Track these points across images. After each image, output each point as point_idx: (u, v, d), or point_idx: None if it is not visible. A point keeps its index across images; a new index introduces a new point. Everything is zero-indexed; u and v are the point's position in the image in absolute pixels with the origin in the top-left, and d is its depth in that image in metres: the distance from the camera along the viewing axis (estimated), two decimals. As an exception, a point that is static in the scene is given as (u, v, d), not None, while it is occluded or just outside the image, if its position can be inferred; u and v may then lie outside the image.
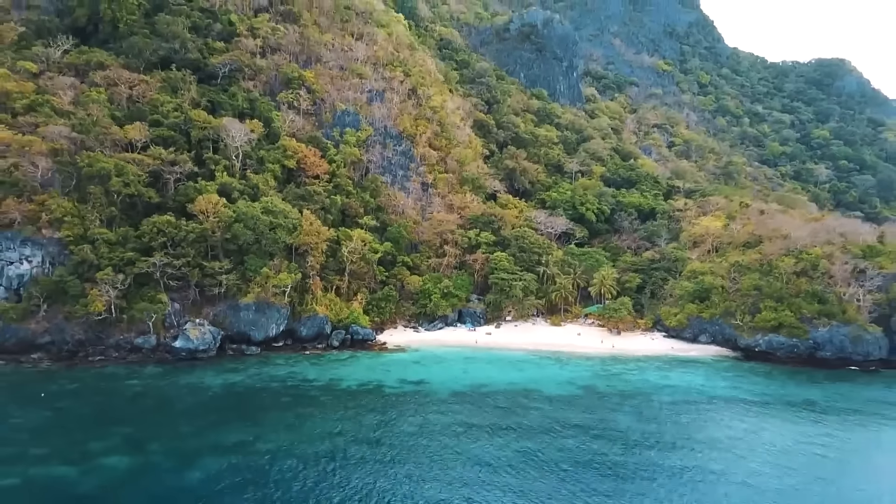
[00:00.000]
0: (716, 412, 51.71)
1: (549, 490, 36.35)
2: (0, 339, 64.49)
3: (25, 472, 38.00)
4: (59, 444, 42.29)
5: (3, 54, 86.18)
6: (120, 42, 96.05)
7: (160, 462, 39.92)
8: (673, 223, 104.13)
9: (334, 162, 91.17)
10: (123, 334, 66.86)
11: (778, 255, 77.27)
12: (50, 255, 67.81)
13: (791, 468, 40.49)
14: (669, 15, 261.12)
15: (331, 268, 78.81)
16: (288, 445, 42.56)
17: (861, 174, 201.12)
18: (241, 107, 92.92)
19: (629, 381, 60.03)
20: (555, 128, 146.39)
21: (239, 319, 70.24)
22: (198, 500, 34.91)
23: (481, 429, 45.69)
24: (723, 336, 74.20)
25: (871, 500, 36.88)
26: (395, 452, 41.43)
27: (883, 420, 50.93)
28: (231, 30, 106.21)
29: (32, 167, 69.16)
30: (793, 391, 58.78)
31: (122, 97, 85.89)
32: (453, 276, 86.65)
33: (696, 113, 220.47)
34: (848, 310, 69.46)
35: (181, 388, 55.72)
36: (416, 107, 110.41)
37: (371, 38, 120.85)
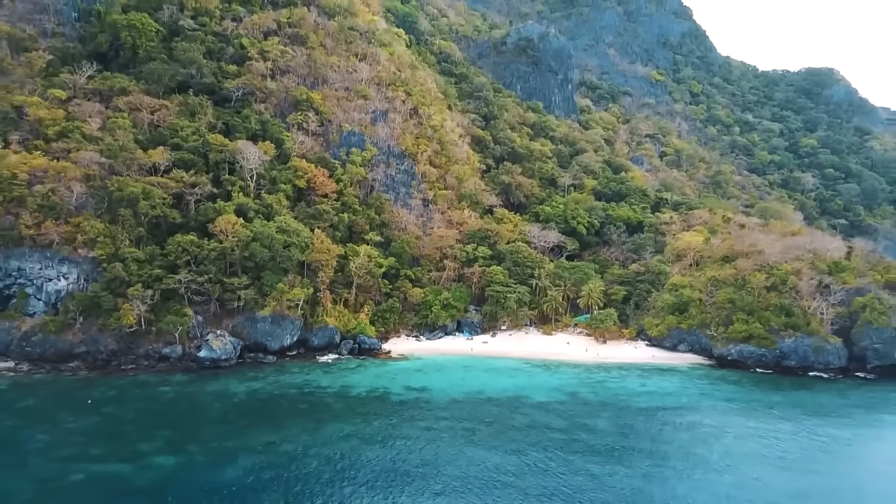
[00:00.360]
0: (683, 417, 58.35)
1: (532, 485, 42.97)
2: (41, 349, 71.21)
3: (88, 468, 44.62)
4: (111, 445, 48.95)
5: (33, 82, 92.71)
6: (140, 67, 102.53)
7: (201, 460, 46.56)
8: (659, 236, 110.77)
9: (341, 181, 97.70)
10: (152, 345, 73.49)
11: (751, 270, 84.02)
12: (85, 272, 74.40)
13: (744, 467, 47.17)
14: (663, 25, 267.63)
15: (339, 282, 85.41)
16: (308, 447, 49.19)
17: (846, 182, 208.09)
18: (254, 129, 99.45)
19: (610, 389, 66.78)
20: (549, 141, 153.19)
21: (256, 330, 76.88)
22: (237, 493, 41.48)
23: (476, 433, 52.32)
24: (699, 345, 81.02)
25: (799, 486, 43.54)
26: (401, 454, 48.04)
27: (832, 423, 57.60)
28: (243, 53, 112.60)
29: (68, 192, 75.69)
30: (758, 397, 65.51)
31: (144, 122, 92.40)
32: (452, 288, 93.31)
33: (687, 122, 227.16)
34: (812, 322, 76.27)
35: (209, 395, 62.33)
36: (418, 126, 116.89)
37: (374, 59, 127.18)
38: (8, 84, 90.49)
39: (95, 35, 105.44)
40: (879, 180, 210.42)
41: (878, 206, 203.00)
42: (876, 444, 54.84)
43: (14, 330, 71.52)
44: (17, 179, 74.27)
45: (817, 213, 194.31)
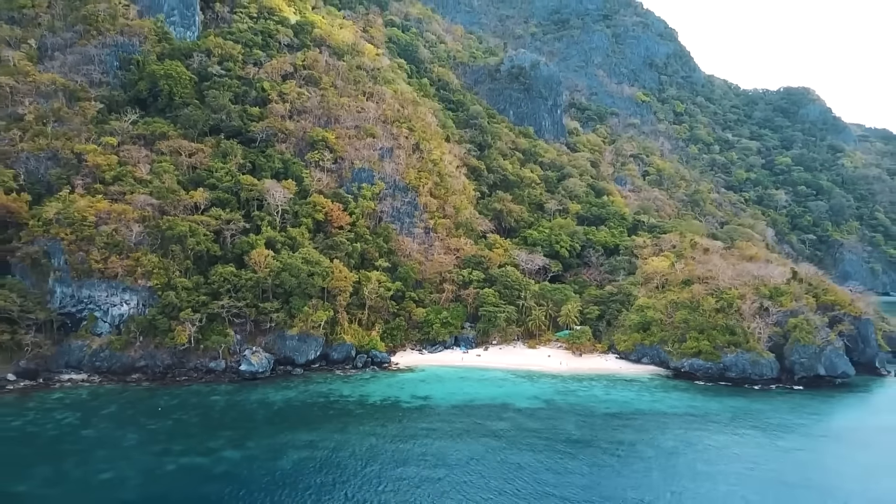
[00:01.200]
0: (635, 421, 73.03)
1: (505, 475, 57.57)
2: (108, 363, 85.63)
3: (176, 461, 59.04)
4: (187, 442, 63.33)
5: (88, 129, 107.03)
6: (176, 112, 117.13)
7: (259, 454, 60.95)
8: (633, 258, 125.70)
9: (354, 214, 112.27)
10: (200, 359, 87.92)
11: (704, 294, 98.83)
12: (143, 299, 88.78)
13: (671, 459, 61.83)
14: (649, 47, 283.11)
15: (354, 304, 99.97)
16: (340, 443, 63.60)
17: (817, 199, 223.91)
18: (277, 168, 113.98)
19: (580, 396, 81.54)
20: (538, 167, 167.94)
21: (285, 347, 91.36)
22: (290, 479, 55.78)
23: (469, 435, 66.82)
24: (659, 359, 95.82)
25: (709, 476, 58.08)
26: (409, 448, 62.43)
27: (754, 425, 72.28)
28: (264, 95, 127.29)
29: (128, 231, 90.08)
30: (700, 404, 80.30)
31: (183, 164, 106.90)
32: (450, 308, 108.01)
33: (670, 141, 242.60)
34: (750, 340, 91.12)
35: (253, 403, 76.78)
36: (420, 160, 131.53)
37: (380, 97, 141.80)
38: (67, 132, 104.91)
39: (135, 82, 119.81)
40: (847, 197, 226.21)
41: (846, 223, 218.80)
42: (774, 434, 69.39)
43: (85, 347, 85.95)
44: (87, 221, 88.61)
45: (788, 229, 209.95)
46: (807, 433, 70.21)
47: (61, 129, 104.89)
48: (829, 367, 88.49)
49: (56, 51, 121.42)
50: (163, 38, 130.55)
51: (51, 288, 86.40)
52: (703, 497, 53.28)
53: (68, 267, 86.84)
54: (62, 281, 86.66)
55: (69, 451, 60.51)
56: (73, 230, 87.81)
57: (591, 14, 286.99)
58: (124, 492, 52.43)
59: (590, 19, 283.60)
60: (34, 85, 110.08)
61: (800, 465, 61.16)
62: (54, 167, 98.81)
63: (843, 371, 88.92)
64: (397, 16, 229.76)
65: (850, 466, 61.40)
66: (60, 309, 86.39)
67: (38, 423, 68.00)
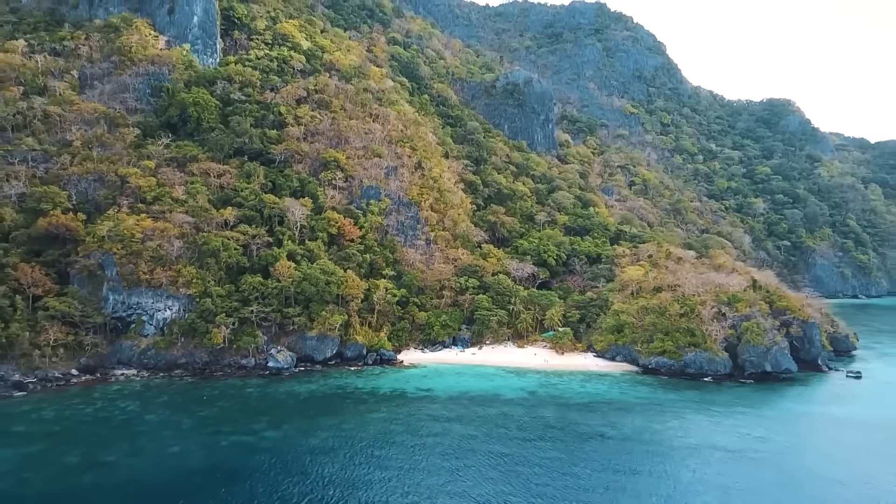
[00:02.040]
0: (604, 409, 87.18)
1: (492, 450, 71.69)
2: (154, 361, 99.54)
3: (227, 439, 72.95)
4: (234, 425, 77.27)
5: (128, 153, 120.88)
6: (203, 135, 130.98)
7: (294, 434, 74.89)
8: (613, 266, 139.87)
9: (363, 227, 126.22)
10: (233, 357, 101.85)
11: (670, 301, 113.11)
12: (184, 305, 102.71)
13: (630, 439, 75.95)
14: (638, 60, 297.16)
15: (365, 309, 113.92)
16: (358, 426, 77.58)
17: (793, 207, 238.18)
18: (295, 186, 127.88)
19: (557, 388, 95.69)
20: (530, 179, 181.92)
21: (306, 346, 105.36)
22: (322, 453, 69.58)
23: (465, 419, 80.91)
24: (630, 357, 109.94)
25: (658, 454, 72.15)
26: (415, 430, 76.45)
27: (701, 411, 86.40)
28: (281, 119, 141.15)
29: (170, 246, 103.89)
30: (660, 395, 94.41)
31: (212, 184, 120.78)
32: (449, 311, 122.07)
33: (656, 151, 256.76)
34: (708, 341, 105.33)
35: (282, 394, 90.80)
36: (421, 177, 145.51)
37: (385, 118, 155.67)
38: (110, 156, 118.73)
39: (166, 108, 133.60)
40: (822, 206, 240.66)
41: (819, 229, 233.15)
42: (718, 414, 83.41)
43: (135, 347, 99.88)
44: (135, 238, 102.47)
45: (764, 236, 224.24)
46: (743, 417, 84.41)
47: (105, 154, 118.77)
48: (775, 364, 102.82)
49: (95, 80, 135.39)
50: (189, 67, 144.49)
51: (105, 295, 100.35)
52: (648, 465, 67.34)
53: (119, 277, 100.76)
54: (114, 289, 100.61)
55: (139, 431, 74.55)
56: (124, 245, 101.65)
57: (583, 28, 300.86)
58: (191, 461, 66.38)
59: (582, 33, 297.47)
60: (79, 113, 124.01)
61: (732, 438, 75.21)
62: (101, 188, 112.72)
63: (787, 368, 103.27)
64: (399, 32, 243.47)
65: (772, 442, 75.39)
66: (113, 314, 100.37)
67: (107, 409, 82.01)
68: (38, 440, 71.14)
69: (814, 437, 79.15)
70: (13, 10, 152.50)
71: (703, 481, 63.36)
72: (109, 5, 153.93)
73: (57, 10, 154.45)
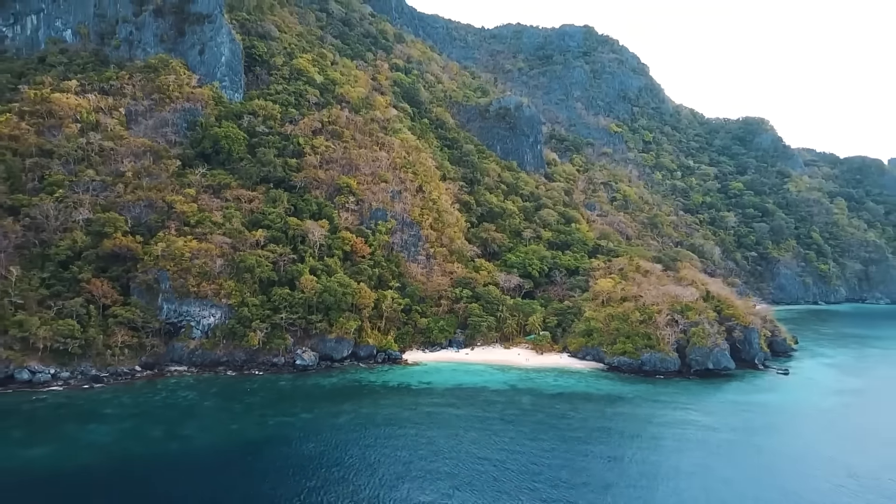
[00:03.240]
0: (571, 398, 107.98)
1: (477, 426, 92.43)
2: (201, 359, 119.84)
3: (272, 419, 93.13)
4: (276, 409, 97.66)
5: (172, 182, 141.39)
6: (234, 164, 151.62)
7: (324, 416, 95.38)
8: (589, 278, 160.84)
9: (372, 245, 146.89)
10: (266, 356, 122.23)
11: (632, 309, 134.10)
12: (225, 312, 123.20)
13: (587, 420, 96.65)
14: (623, 81, 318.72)
15: (374, 315, 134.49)
16: (374, 411, 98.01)
17: (761, 220, 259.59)
18: (313, 210, 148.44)
19: (535, 382, 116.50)
20: (519, 198, 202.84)
21: (326, 347, 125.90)
22: (347, 430, 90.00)
23: (457, 405, 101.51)
24: (598, 357, 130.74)
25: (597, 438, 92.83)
26: (419, 414, 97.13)
27: (650, 400, 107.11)
28: (300, 149, 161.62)
29: (213, 263, 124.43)
30: (618, 388, 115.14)
31: (244, 209, 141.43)
32: (446, 318, 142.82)
33: (638, 168, 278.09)
34: (661, 343, 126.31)
35: (310, 386, 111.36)
36: (422, 200, 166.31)
37: (390, 146, 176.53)
38: (157, 184, 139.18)
39: (200, 141, 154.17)
40: (788, 220, 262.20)
41: (784, 241, 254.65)
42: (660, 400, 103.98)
43: (185, 347, 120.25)
44: (184, 257, 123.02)
45: (734, 248, 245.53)
46: (682, 404, 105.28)
47: (152, 182, 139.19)
48: (716, 363, 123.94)
49: (139, 116, 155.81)
50: (218, 102, 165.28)
51: (160, 305, 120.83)
52: (597, 437, 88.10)
53: (172, 290, 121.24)
54: (168, 300, 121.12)
55: (202, 413, 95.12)
56: (175, 263, 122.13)
57: (572, 51, 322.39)
58: (248, 434, 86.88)
59: (571, 55, 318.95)
60: (129, 147, 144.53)
61: (669, 419, 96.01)
62: (152, 213, 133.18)
63: (726, 366, 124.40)
64: (401, 58, 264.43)
65: (698, 423, 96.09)
66: (167, 320, 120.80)
67: (172, 398, 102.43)
68: (126, 419, 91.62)
69: (732, 417, 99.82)
70: (62, 51, 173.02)
71: (638, 447, 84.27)
72: (147, 46, 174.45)
73: (101, 50, 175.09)
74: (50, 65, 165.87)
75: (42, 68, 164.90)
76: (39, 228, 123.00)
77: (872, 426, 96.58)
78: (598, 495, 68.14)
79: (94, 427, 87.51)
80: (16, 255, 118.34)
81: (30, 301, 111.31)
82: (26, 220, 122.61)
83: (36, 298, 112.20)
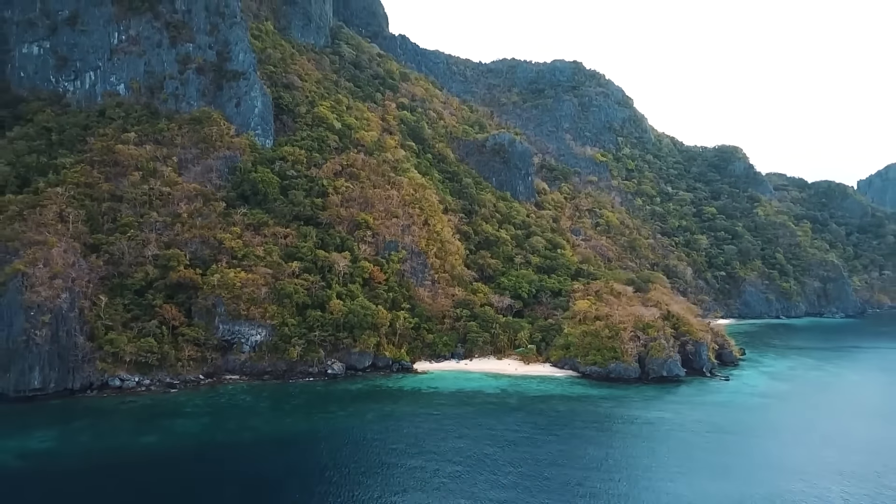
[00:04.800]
0: (549, 399, 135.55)
1: (475, 419, 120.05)
2: (250, 370, 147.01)
3: (315, 415, 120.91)
4: (316, 408, 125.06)
5: (219, 221, 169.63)
6: (269, 205, 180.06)
7: (354, 413, 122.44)
8: (569, 299, 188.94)
9: (387, 273, 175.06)
10: (303, 367, 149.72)
11: (603, 327, 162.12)
12: (268, 331, 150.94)
13: (563, 415, 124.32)
14: (609, 113, 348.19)
15: (390, 332, 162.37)
16: (393, 409, 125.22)
17: (731, 243, 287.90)
18: (337, 242, 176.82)
19: (521, 387, 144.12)
20: (512, 226, 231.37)
21: (351, 359, 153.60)
22: (376, 424, 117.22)
23: (457, 404, 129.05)
24: (573, 366, 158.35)
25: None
26: (428, 411, 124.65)
27: (610, 398, 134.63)
28: (324, 189, 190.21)
29: (258, 291, 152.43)
30: (588, 391, 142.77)
31: (280, 243, 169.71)
32: (448, 333, 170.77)
33: (620, 195, 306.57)
34: (625, 355, 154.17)
35: (340, 391, 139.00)
36: (427, 232, 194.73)
37: (399, 185, 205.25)
38: (208, 224, 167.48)
39: (240, 184, 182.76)
40: (755, 242, 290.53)
41: (750, 261, 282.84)
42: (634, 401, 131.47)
43: (237, 360, 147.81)
44: (235, 286, 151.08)
45: (705, 268, 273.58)
46: (637, 402, 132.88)
47: (204, 222, 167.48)
48: (669, 371, 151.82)
49: (189, 163, 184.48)
50: (253, 149, 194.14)
51: (216, 325, 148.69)
52: (567, 429, 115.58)
53: (226, 313, 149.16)
54: (223, 321, 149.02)
55: (260, 412, 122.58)
56: (228, 291, 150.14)
57: (562, 85, 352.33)
58: (299, 426, 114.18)
59: (561, 90, 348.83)
60: (183, 191, 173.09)
61: (625, 414, 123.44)
62: (206, 249, 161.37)
63: (677, 373, 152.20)
64: (406, 97, 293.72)
65: (643, 417, 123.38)
66: (222, 337, 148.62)
67: (233, 400, 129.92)
68: (203, 416, 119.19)
69: (672, 413, 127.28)
70: (119, 104, 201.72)
71: (598, 431, 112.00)
72: (190, 99, 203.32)
73: (151, 103, 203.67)
74: (110, 118, 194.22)
75: (103, 121, 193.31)
76: (117, 263, 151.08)
77: (779, 420, 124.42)
78: (555, 458, 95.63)
79: (181, 421, 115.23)
80: (101, 285, 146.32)
81: (116, 323, 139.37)
82: (106, 256, 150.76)
83: (121, 321, 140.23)
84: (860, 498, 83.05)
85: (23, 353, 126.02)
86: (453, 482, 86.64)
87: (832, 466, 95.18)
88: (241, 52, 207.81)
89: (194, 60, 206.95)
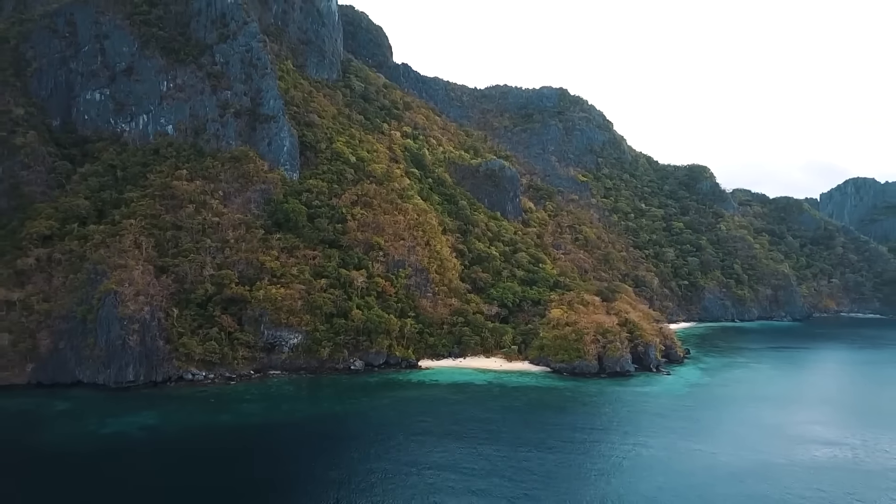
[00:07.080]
0: (525, 389, 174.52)
1: (464, 405, 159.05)
2: (290, 366, 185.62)
3: (345, 402, 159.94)
4: (344, 396, 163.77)
5: (260, 245, 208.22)
6: (299, 231, 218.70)
7: (376, 399, 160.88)
8: (546, 308, 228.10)
9: (396, 287, 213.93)
10: (331, 364, 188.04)
11: (570, 331, 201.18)
12: (303, 335, 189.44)
13: (534, 403, 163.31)
14: (590, 136, 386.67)
15: (399, 336, 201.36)
16: (406, 396, 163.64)
17: (694, 255, 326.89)
18: (355, 262, 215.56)
19: (504, 379, 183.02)
20: (501, 243, 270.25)
21: (369, 357, 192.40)
22: (393, 407, 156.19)
23: (455, 393, 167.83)
24: (546, 363, 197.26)
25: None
26: (430, 398, 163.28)
27: (573, 391, 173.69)
28: (343, 216, 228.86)
29: (295, 303, 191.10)
30: (556, 383, 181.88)
31: (310, 264, 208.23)
32: (446, 337, 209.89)
33: (598, 212, 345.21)
34: (587, 354, 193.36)
35: (361, 383, 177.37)
36: (429, 251, 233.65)
37: (405, 211, 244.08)
38: (251, 248, 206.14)
39: (274, 213, 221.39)
40: (715, 255, 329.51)
41: (711, 272, 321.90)
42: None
43: (279, 358, 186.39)
44: (276, 300, 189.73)
45: (671, 277, 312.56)
46: (594, 392, 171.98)
47: (248, 246, 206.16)
48: (622, 367, 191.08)
49: (231, 196, 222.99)
50: (283, 182, 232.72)
51: (262, 331, 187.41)
52: (538, 412, 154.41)
53: (270, 322, 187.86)
54: (267, 328, 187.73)
55: (303, 398, 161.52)
56: (271, 304, 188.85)
57: (548, 110, 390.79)
58: (335, 409, 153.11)
59: (547, 114, 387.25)
60: (228, 220, 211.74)
61: (585, 399, 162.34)
62: (250, 269, 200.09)
63: (628, 369, 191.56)
64: (409, 125, 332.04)
65: (595, 402, 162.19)
66: (267, 341, 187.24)
67: (280, 391, 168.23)
68: (261, 401, 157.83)
69: (616, 398, 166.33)
70: (169, 144, 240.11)
71: (555, 411, 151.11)
72: (229, 139, 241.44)
73: (196, 142, 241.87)
74: (163, 156, 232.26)
75: (158, 159, 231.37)
76: (182, 281, 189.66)
77: (695, 403, 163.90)
78: (520, 426, 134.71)
79: (245, 405, 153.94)
80: (171, 300, 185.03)
81: (186, 330, 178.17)
82: (173, 276, 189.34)
83: (189, 328, 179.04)
84: (719, 455, 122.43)
85: (119, 354, 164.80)
86: (449, 438, 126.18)
87: (710, 435, 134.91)
88: (272, 98, 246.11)
89: (232, 105, 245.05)
